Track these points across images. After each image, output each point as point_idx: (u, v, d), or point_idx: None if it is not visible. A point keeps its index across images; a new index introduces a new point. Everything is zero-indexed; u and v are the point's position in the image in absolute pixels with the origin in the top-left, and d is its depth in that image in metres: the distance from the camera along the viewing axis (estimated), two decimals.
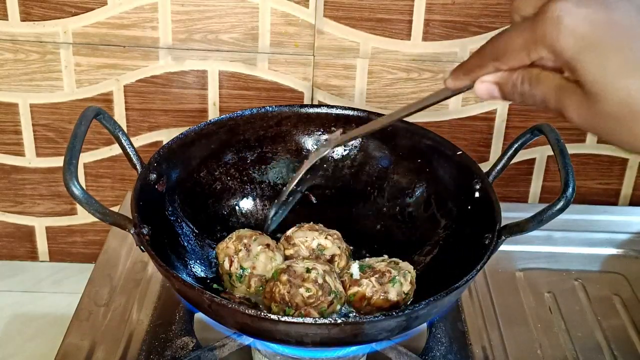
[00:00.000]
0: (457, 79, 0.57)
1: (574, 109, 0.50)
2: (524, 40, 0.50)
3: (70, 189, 0.70)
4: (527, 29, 0.50)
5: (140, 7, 1.04)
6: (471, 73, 0.55)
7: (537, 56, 0.50)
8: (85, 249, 1.21)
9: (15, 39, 1.06)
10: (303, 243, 0.85)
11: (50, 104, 1.10)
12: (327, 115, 0.93)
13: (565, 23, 0.47)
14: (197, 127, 0.88)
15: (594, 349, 0.86)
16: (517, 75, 0.53)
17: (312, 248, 0.84)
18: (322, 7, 1.05)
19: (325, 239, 0.85)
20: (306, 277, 0.77)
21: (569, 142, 1.11)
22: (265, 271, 0.81)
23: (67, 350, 0.83)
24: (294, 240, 0.85)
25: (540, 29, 0.49)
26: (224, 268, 0.82)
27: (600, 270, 1.00)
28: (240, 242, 0.82)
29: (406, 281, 0.79)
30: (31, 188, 1.16)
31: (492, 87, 0.55)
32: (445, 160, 0.88)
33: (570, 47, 0.48)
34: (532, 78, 0.52)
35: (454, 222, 0.86)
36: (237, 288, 0.82)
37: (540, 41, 0.49)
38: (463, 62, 0.56)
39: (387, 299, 0.78)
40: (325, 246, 0.85)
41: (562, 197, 0.73)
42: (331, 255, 0.84)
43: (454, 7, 1.04)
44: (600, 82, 0.47)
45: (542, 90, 0.52)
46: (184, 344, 0.83)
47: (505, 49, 0.52)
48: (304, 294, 0.76)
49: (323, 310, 0.76)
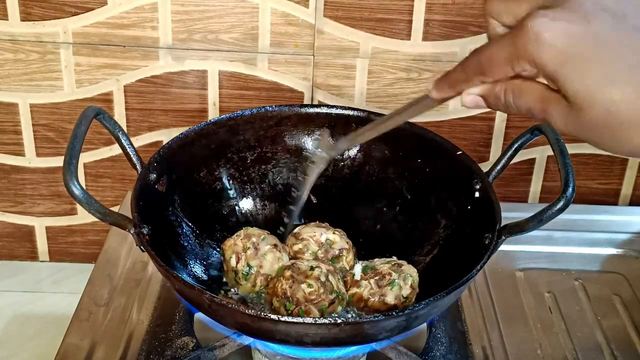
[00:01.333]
0: (441, 90, 0.58)
1: (559, 118, 0.51)
2: (507, 54, 0.51)
3: (70, 189, 0.70)
4: (509, 43, 0.50)
5: (140, 7, 1.04)
6: (456, 86, 0.56)
7: (520, 69, 0.51)
8: (85, 249, 1.21)
9: (15, 39, 1.06)
10: (312, 237, 0.85)
11: (50, 104, 1.10)
12: (327, 115, 0.93)
13: (544, 38, 0.48)
14: (197, 127, 0.88)
15: (594, 349, 0.86)
16: (501, 87, 0.53)
17: (321, 242, 0.85)
18: (322, 7, 1.05)
19: (333, 234, 0.85)
20: (309, 274, 0.77)
21: (569, 142, 1.10)
22: (271, 270, 0.81)
23: (67, 350, 0.83)
24: (302, 235, 0.85)
25: (521, 44, 0.49)
26: (230, 265, 0.82)
27: (600, 270, 1.00)
28: (249, 240, 0.82)
29: (406, 285, 0.79)
30: (31, 188, 1.16)
31: (477, 99, 0.56)
32: (445, 160, 0.88)
33: (551, 61, 0.48)
34: (516, 90, 0.53)
35: (454, 222, 0.86)
36: (242, 286, 0.82)
37: (522, 56, 0.50)
38: (447, 74, 0.57)
39: (384, 302, 0.78)
40: (334, 240, 0.85)
41: (562, 197, 0.73)
42: (340, 250, 0.85)
43: (454, 7, 1.05)
44: (584, 94, 0.48)
45: (526, 101, 0.52)
46: (184, 344, 0.83)
47: (490, 63, 0.53)
48: (306, 290, 0.76)
49: (323, 308, 0.76)
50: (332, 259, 0.84)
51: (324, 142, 0.88)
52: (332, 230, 0.86)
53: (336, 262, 0.84)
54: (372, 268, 0.81)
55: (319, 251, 0.84)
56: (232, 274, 0.82)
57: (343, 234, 0.87)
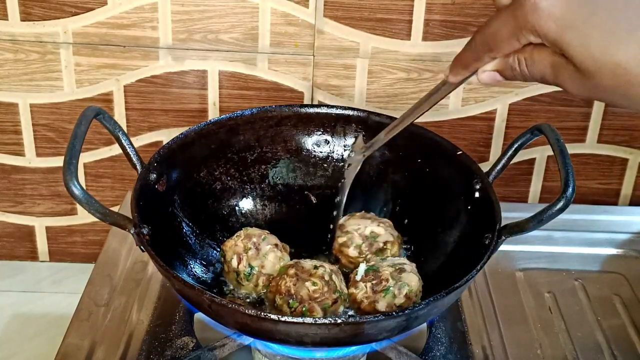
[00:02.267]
0: (457, 73, 0.60)
1: (570, 83, 0.52)
2: (511, 28, 0.52)
3: (70, 189, 0.70)
4: (510, 17, 0.52)
5: (140, 7, 1.04)
6: (470, 67, 0.58)
7: (526, 40, 0.52)
8: (85, 249, 1.21)
9: (15, 39, 1.06)
10: (356, 230, 0.85)
11: (50, 104, 1.10)
12: (327, 115, 0.93)
13: (542, 7, 0.49)
14: (197, 127, 0.88)
15: (594, 349, 0.86)
16: (513, 58, 0.55)
17: (365, 235, 0.84)
18: (322, 7, 1.05)
19: (377, 227, 0.85)
20: (313, 272, 0.77)
21: (569, 142, 1.11)
22: (273, 270, 0.81)
23: (67, 350, 0.83)
24: (346, 228, 0.85)
25: (521, 16, 0.50)
26: (231, 266, 0.82)
27: (600, 270, 1.00)
28: (250, 241, 0.82)
29: (400, 294, 0.77)
30: (31, 188, 1.16)
31: (493, 74, 0.57)
32: (445, 160, 0.88)
33: (552, 30, 0.49)
34: (528, 58, 0.54)
35: (454, 222, 0.86)
36: (244, 286, 0.82)
37: (524, 27, 0.51)
38: (458, 56, 0.58)
39: (375, 308, 0.77)
40: (379, 233, 0.84)
41: (562, 197, 0.72)
42: (384, 242, 0.84)
43: (454, 7, 1.04)
44: (589, 59, 0.49)
45: (539, 69, 0.53)
46: (184, 344, 0.83)
47: (495, 39, 0.54)
48: (310, 288, 0.76)
49: (326, 307, 0.76)
50: (375, 252, 0.84)
51: (358, 144, 0.90)
52: (377, 221, 0.86)
53: (380, 255, 0.84)
54: (375, 270, 0.80)
55: (363, 244, 0.84)
56: (234, 274, 0.82)
57: (389, 225, 0.86)
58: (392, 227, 0.87)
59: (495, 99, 1.11)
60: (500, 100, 1.11)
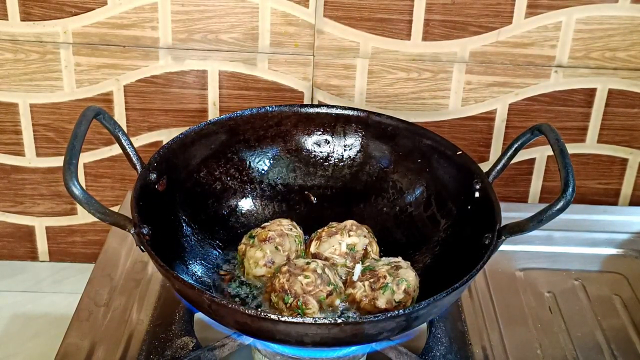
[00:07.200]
0: None
1: None
2: None
3: (70, 189, 0.70)
4: None
5: (140, 7, 1.04)
6: None
7: None
8: (85, 249, 1.21)
9: (15, 39, 1.06)
10: (334, 253, 0.84)
11: (50, 104, 1.11)
12: (327, 115, 0.93)
13: None
14: (197, 127, 0.88)
15: (594, 349, 0.86)
16: None
17: (345, 252, 0.84)
18: (322, 7, 1.05)
19: (349, 237, 0.85)
20: (305, 267, 0.78)
21: (568, 142, 1.11)
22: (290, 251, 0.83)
23: (67, 350, 0.83)
24: (324, 254, 0.85)
25: None
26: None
27: (600, 270, 1.00)
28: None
29: (399, 289, 0.78)
30: (31, 188, 1.16)
31: None
32: (445, 160, 0.88)
33: None
34: None
35: (454, 222, 0.86)
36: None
37: None
38: None
39: (375, 305, 0.78)
40: (354, 243, 0.85)
41: (562, 197, 0.73)
42: (364, 248, 0.84)
43: (454, 7, 1.05)
44: None
45: None
46: (184, 344, 0.83)
47: None
48: (303, 281, 0.77)
49: (322, 299, 0.77)
50: (361, 260, 0.84)
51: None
52: (346, 233, 0.85)
53: (366, 260, 0.84)
54: (372, 269, 0.80)
55: (347, 261, 0.84)
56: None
57: (359, 227, 0.86)
58: (358, 226, 0.86)
59: (495, 99, 1.11)
60: (500, 100, 1.11)
